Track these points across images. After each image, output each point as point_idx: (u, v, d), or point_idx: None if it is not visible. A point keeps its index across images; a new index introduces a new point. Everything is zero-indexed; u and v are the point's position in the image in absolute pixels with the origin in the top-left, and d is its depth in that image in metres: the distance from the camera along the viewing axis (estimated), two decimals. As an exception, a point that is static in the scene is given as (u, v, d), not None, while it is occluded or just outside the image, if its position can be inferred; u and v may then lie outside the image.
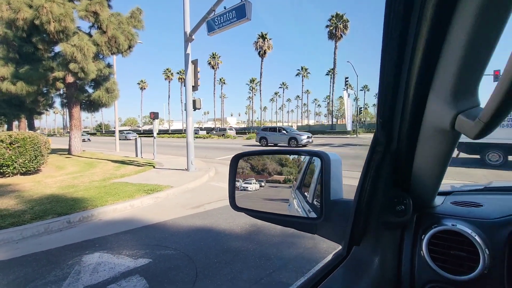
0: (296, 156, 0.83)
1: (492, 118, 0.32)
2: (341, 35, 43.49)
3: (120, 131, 33.10)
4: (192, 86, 8.53)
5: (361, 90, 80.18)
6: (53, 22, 10.19)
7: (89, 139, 36.49)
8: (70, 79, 12.46)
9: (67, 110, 13.89)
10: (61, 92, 14.47)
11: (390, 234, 0.61)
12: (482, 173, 7.58)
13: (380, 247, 0.60)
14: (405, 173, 0.58)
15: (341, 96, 61.25)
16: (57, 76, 11.92)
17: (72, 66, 10.73)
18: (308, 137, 18.16)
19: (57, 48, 11.77)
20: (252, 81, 73.22)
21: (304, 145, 17.84)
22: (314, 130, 44.54)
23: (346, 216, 0.64)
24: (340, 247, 0.68)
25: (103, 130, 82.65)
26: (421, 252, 0.58)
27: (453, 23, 0.35)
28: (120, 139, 26.52)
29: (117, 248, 3.31)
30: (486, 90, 0.42)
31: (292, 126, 48.61)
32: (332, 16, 43.45)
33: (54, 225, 3.98)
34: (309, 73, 69.81)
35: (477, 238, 0.53)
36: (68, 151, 13.71)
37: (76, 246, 3.38)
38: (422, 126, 0.47)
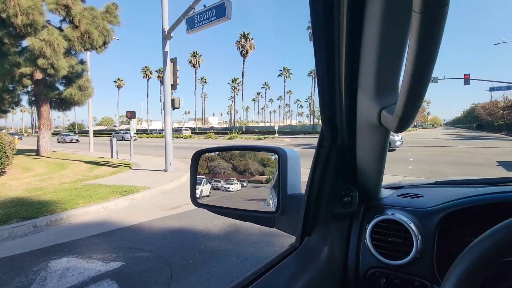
0: (273, 154, 0.84)
1: (404, 113, 0.36)
2: (321, 37, 44.40)
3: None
4: (171, 84, 8.36)
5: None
6: (21, 15, 9.54)
7: (77, 140, 33.16)
8: (38, 75, 11.72)
9: (36, 108, 13.06)
10: (29, 89, 13.58)
11: (338, 225, 0.65)
12: (453, 172, 8.08)
13: (329, 237, 0.64)
14: (350, 166, 0.62)
15: (321, 97, 62.40)
16: (24, 72, 11.18)
17: (40, 61, 10.10)
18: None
19: (25, 43, 11.05)
20: (234, 80, 72.95)
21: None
22: (296, 131, 45.28)
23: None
24: None
25: (76, 130, 78.48)
26: (365, 240, 0.62)
27: (365, 28, 0.39)
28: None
29: (88, 252, 3.17)
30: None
31: (274, 126, 49.08)
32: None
33: (18, 229, 3.74)
34: (291, 73, 70.74)
35: (412, 225, 0.58)
36: (37, 152, 12.89)
37: (42, 251, 3.20)
38: (357, 121, 0.51)
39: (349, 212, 0.63)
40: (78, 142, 33.03)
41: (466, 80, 23.15)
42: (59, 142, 30.35)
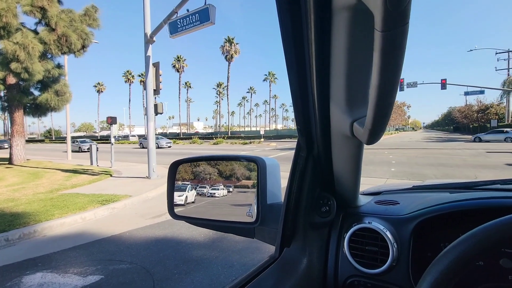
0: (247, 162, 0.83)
1: (373, 125, 0.37)
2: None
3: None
4: (154, 89, 8.20)
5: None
6: (-8, 16, 9.07)
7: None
8: (11, 80, 11.12)
9: (8, 114, 12.36)
10: (1, 94, 12.85)
11: (317, 234, 0.65)
12: (433, 173, 8.40)
13: (308, 247, 0.63)
14: (327, 175, 0.62)
15: (306, 102, 63.39)
16: (-4, 76, 10.59)
17: (14, 65, 9.60)
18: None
19: (-3, 46, 10.49)
20: (219, 85, 72.73)
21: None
22: (282, 135, 45.64)
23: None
24: None
25: (53, 137, 74.96)
26: (343, 249, 0.62)
27: (332, 44, 0.39)
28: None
29: (64, 266, 3.00)
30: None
31: (260, 130, 49.26)
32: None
33: (-14, 245, 3.49)
34: (276, 78, 71.51)
35: (388, 233, 0.59)
36: (9, 161, 12.16)
37: (14, 266, 3.00)
38: (331, 132, 0.51)
39: (327, 221, 0.63)
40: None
41: (443, 85, 24.37)
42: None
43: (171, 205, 0.81)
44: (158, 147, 22.20)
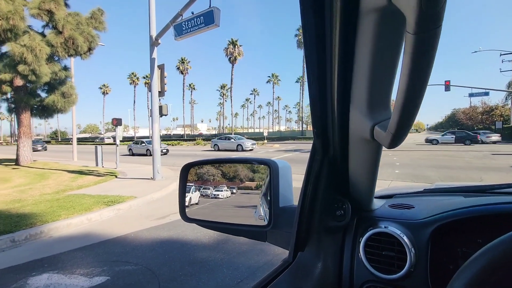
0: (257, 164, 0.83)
1: (397, 129, 0.36)
2: (308, 45, 45.32)
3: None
4: (159, 91, 8.25)
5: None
6: (0, 19, 9.23)
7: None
8: (19, 82, 11.29)
9: (15, 116, 12.54)
10: (9, 96, 13.05)
11: (332, 238, 0.64)
12: (436, 175, 8.32)
13: (322, 251, 0.63)
14: (343, 179, 0.61)
15: (309, 103, 63.28)
16: (3, 78, 10.73)
17: (21, 68, 9.75)
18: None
19: (5, 48, 10.66)
20: (223, 87, 72.97)
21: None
22: (285, 136, 45.55)
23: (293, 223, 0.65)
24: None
25: (59, 138, 75.83)
26: (359, 254, 0.61)
27: (357, 46, 0.39)
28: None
29: (70, 267, 3.02)
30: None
31: (263, 132, 49.21)
32: (301, 26, 45.16)
33: (-6, 245, 3.52)
34: (279, 80, 71.49)
35: (405, 238, 0.58)
36: (16, 162, 12.32)
37: (21, 268, 3.02)
38: (350, 135, 0.51)
39: (342, 225, 0.62)
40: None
41: (447, 86, 24.13)
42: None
43: (182, 208, 0.81)
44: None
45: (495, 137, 24.25)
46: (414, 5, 0.24)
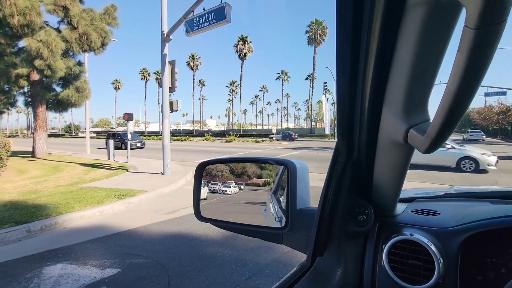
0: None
1: (438, 134, 0.33)
2: (320, 41, 44.80)
3: (112, 133, 21.50)
4: (169, 87, 8.31)
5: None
6: (17, 15, 9.47)
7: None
8: (35, 76, 11.62)
9: (32, 109, 12.93)
10: (25, 90, 13.45)
11: (352, 244, 0.62)
12: (450, 177, 8.09)
13: (342, 257, 0.60)
14: (366, 183, 0.59)
15: (320, 101, 62.89)
16: (21, 73, 11.07)
17: (37, 62, 10.01)
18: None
19: (22, 43, 10.96)
20: (232, 83, 73.03)
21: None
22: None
23: (311, 226, 0.63)
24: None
25: (72, 132, 77.86)
26: (382, 262, 0.59)
27: (398, 42, 0.36)
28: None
29: (83, 258, 3.10)
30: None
31: (272, 129, 49.01)
32: (312, 23, 44.63)
33: (11, 234, 3.65)
34: (289, 77, 71.02)
35: (432, 247, 0.55)
36: (32, 154, 12.73)
37: (36, 257, 3.12)
38: (379, 137, 0.48)
39: (364, 231, 0.60)
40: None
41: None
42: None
43: (197, 206, 0.80)
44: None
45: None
46: None
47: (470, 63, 0.26)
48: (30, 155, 12.95)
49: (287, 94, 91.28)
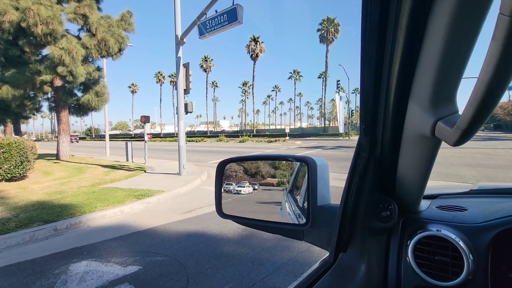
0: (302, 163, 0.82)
1: (469, 125, 0.33)
2: (332, 38, 44.13)
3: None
4: (184, 89, 8.48)
5: (352, 93, 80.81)
6: (41, 24, 9.98)
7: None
8: (58, 82, 12.20)
9: (55, 114, 13.60)
10: (49, 96, 14.16)
11: (376, 240, 0.61)
12: (471, 174, 7.74)
13: (366, 253, 0.60)
14: (389, 178, 0.58)
15: (333, 99, 61.84)
16: (45, 79, 11.66)
17: (60, 69, 10.51)
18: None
19: (45, 51, 11.54)
20: (244, 84, 73.35)
21: None
22: (307, 133, 44.89)
23: (333, 222, 0.63)
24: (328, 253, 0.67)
25: (93, 134, 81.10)
26: (407, 258, 0.58)
27: (427, 33, 0.35)
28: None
29: (106, 255, 3.22)
30: (467, 96, 0.42)
31: (285, 128, 48.79)
32: (324, 20, 44.05)
33: (40, 233, 3.86)
34: (301, 76, 70.41)
35: (461, 243, 0.54)
36: (56, 156, 13.38)
37: (62, 255, 3.28)
38: (404, 132, 0.47)
39: (387, 227, 0.59)
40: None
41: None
42: None
43: (219, 204, 0.82)
44: None
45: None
46: None
47: (505, 52, 0.25)
48: (54, 158, 13.61)
49: (300, 93, 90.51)
